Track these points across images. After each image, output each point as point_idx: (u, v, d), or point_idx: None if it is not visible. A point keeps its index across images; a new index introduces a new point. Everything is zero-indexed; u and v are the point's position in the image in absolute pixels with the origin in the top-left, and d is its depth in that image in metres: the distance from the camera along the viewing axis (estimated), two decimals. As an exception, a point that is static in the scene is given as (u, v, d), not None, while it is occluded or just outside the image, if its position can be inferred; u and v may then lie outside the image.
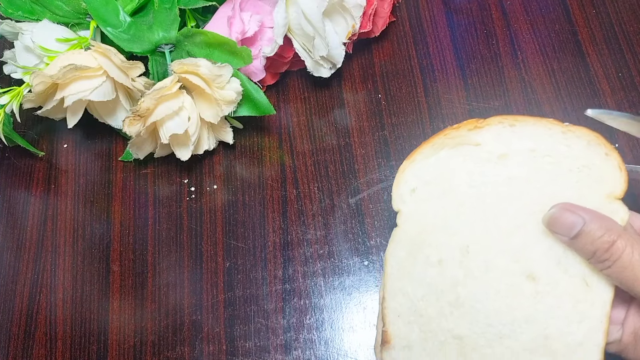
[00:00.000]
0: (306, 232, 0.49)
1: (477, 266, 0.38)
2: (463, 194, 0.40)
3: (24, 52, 0.49)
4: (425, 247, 0.39)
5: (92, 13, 0.49)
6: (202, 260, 0.49)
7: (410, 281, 0.39)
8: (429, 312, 0.38)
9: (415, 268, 0.39)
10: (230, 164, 0.53)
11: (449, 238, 0.39)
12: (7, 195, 0.54)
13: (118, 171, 0.54)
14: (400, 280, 0.40)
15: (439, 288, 0.39)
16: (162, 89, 0.46)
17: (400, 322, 0.39)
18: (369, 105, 0.54)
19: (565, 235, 0.36)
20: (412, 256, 0.40)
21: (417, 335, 0.39)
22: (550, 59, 0.54)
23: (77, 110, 0.50)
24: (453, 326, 0.38)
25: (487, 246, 0.38)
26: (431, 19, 0.57)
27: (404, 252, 0.40)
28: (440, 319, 0.38)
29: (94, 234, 0.51)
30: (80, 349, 0.47)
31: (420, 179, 0.41)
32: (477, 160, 0.40)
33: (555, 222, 0.37)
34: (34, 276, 0.50)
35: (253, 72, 0.51)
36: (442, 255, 0.39)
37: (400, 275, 0.40)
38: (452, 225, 0.39)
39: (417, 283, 0.39)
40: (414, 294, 0.39)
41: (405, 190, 0.41)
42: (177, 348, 0.46)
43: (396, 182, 0.42)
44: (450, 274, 0.39)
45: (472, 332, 0.37)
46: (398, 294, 0.40)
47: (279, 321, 0.47)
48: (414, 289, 0.39)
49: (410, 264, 0.40)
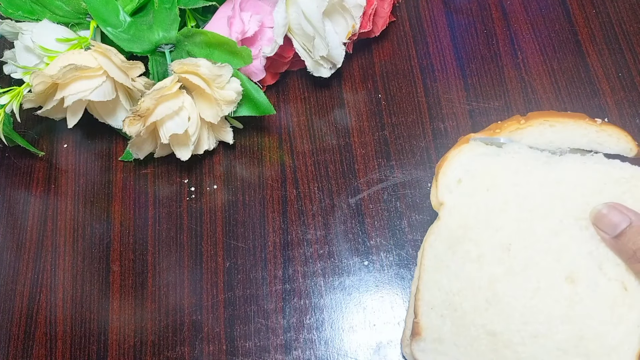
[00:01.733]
0: (306, 232, 0.49)
1: (518, 264, 0.38)
2: (508, 191, 0.40)
3: (24, 52, 0.49)
4: (465, 242, 0.40)
5: (92, 13, 0.49)
6: (202, 260, 0.49)
7: (447, 275, 0.40)
8: (464, 307, 0.38)
9: (453, 262, 0.40)
10: (230, 164, 0.53)
11: (491, 234, 0.39)
12: (7, 195, 0.54)
13: (118, 171, 0.54)
14: (436, 273, 0.40)
15: (476, 284, 0.39)
16: (162, 89, 0.46)
17: (433, 314, 0.39)
18: (369, 105, 0.54)
19: (609, 233, 0.37)
20: (452, 250, 0.40)
21: (449, 329, 0.39)
22: (550, 59, 0.54)
23: (77, 110, 0.50)
24: (487, 322, 0.38)
25: (529, 245, 0.39)
26: (431, 19, 0.57)
27: (443, 245, 0.40)
28: (474, 314, 0.38)
29: (94, 234, 0.51)
30: (80, 349, 0.47)
31: (467, 171, 0.41)
32: (525, 160, 0.40)
33: (601, 219, 0.37)
34: (34, 276, 0.50)
35: (253, 72, 0.51)
36: (483, 251, 0.39)
37: (437, 268, 0.40)
38: (495, 222, 0.39)
39: (454, 277, 0.39)
40: (449, 287, 0.39)
41: (452, 179, 0.41)
42: (177, 348, 0.46)
43: (442, 171, 0.42)
44: (489, 270, 0.39)
45: (506, 329, 0.37)
46: (433, 287, 0.40)
47: (279, 321, 0.47)
48: (450, 283, 0.39)
49: (449, 258, 0.40)
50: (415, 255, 0.48)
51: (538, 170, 0.40)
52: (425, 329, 0.39)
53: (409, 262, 0.48)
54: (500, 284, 0.38)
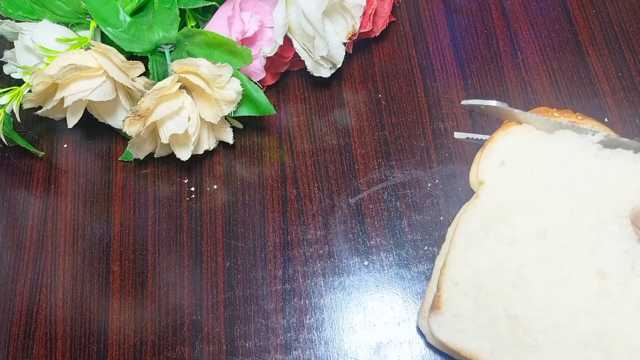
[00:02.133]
0: (306, 232, 0.49)
1: (551, 253, 0.38)
2: (553, 179, 0.40)
3: (24, 52, 0.49)
4: (501, 224, 0.39)
5: (92, 13, 0.49)
6: (202, 260, 0.49)
7: (476, 253, 0.39)
8: (489, 287, 0.38)
9: (485, 241, 0.39)
10: (230, 164, 0.53)
11: (528, 219, 0.39)
12: (7, 195, 0.54)
13: (118, 171, 0.54)
14: (466, 251, 0.40)
15: (505, 266, 0.38)
16: (162, 89, 0.46)
17: (457, 290, 0.39)
18: (369, 105, 0.54)
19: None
20: (485, 229, 0.40)
21: (471, 307, 0.38)
22: (550, 59, 0.54)
23: (77, 110, 0.50)
24: (510, 305, 0.38)
25: (565, 235, 0.38)
26: (431, 19, 0.57)
27: (477, 224, 0.40)
28: (498, 295, 0.38)
29: (94, 234, 0.51)
30: (80, 349, 0.47)
31: (513, 153, 0.41)
32: (575, 149, 0.40)
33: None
34: (34, 276, 0.50)
35: (253, 72, 0.51)
36: (517, 234, 0.39)
37: (468, 246, 0.40)
38: (534, 208, 0.39)
39: (484, 256, 0.39)
40: (477, 266, 0.39)
41: (496, 160, 0.41)
42: (177, 348, 0.46)
43: (486, 150, 0.42)
44: (520, 254, 0.38)
45: (528, 315, 0.37)
46: (460, 264, 0.40)
47: (279, 321, 0.47)
48: (479, 262, 0.39)
49: (481, 237, 0.39)
50: (416, 255, 0.48)
51: (587, 162, 0.40)
52: (446, 304, 0.39)
53: (409, 262, 0.48)
54: (529, 270, 0.38)
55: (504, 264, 0.39)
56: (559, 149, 0.40)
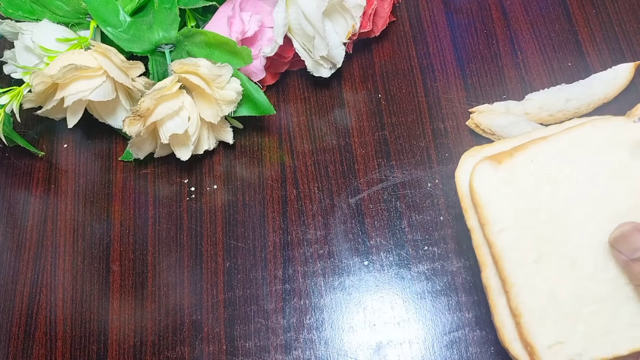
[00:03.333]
0: (306, 232, 0.49)
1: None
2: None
3: (24, 52, 0.49)
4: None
5: (92, 13, 0.49)
6: (202, 260, 0.49)
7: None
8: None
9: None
10: (230, 164, 0.53)
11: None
12: (7, 195, 0.54)
13: (118, 171, 0.54)
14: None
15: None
16: (162, 89, 0.46)
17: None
18: (369, 105, 0.54)
19: (627, 255, 0.36)
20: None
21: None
22: (550, 59, 0.54)
23: (77, 110, 0.50)
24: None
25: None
26: (431, 19, 0.57)
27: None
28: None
29: (94, 234, 0.51)
30: (80, 349, 0.47)
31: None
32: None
33: (622, 240, 0.36)
34: (34, 276, 0.50)
35: (253, 72, 0.51)
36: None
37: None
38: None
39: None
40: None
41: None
42: (177, 348, 0.46)
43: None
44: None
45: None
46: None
47: (279, 321, 0.47)
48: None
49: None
50: (416, 255, 0.48)
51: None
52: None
53: (409, 262, 0.48)
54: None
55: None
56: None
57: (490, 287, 0.39)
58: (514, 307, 0.37)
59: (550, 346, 0.36)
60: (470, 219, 0.40)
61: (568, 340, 0.36)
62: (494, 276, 0.39)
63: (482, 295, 0.46)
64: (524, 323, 0.37)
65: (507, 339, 0.38)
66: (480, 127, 0.50)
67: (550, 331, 0.37)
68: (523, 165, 0.39)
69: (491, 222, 0.38)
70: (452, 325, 0.46)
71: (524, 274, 0.37)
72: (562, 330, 0.37)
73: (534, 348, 0.36)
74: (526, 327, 0.37)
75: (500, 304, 0.38)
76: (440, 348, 0.45)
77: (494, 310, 0.39)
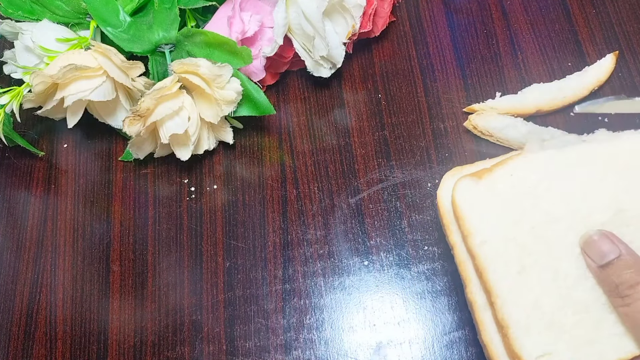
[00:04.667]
0: (306, 232, 0.49)
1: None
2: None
3: (24, 52, 0.49)
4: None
5: (92, 13, 0.49)
6: (202, 260, 0.49)
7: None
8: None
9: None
10: (230, 164, 0.53)
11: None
12: (7, 195, 0.54)
13: (118, 171, 0.54)
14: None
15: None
16: (162, 89, 0.46)
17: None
18: (369, 105, 0.54)
19: (596, 262, 0.36)
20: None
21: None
22: (550, 59, 0.54)
23: (77, 110, 0.50)
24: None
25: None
26: (431, 19, 0.57)
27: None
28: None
29: (94, 234, 0.51)
30: (80, 349, 0.47)
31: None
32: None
33: (591, 245, 0.36)
34: (34, 276, 0.50)
35: (253, 72, 0.51)
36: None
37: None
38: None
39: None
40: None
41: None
42: (177, 348, 0.46)
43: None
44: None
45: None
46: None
47: (279, 321, 0.47)
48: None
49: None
50: (416, 255, 0.48)
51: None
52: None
53: (409, 262, 0.48)
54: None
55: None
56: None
57: (475, 302, 0.39)
58: (500, 319, 0.37)
59: (538, 357, 0.36)
60: (452, 235, 0.41)
61: (555, 350, 0.36)
62: (478, 291, 0.39)
63: (482, 295, 0.46)
64: (511, 334, 0.37)
65: (495, 354, 0.38)
66: (478, 128, 0.50)
67: (536, 342, 0.36)
68: (503, 179, 0.40)
69: (473, 233, 0.38)
70: (452, 325, 0.46)
71: (508, 285, 0.38)
72: (548, 340, 0.37)
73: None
74: (513, 338, 0.37)
75: (486, 319, 0.39)
76: (440, 348, 0.45)
77: (481, 326, 0.39)
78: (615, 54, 0.53)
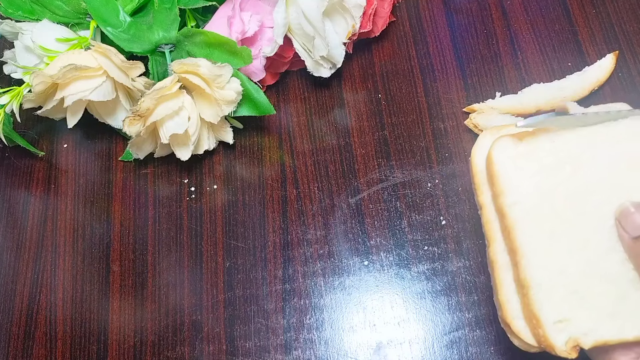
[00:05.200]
0: (306, 232, 0.49)
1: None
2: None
3: (24, 52, 0.49)
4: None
5: (92, 13, 0.49)
6: (202, 260, 0.49)
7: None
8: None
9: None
10: (230, 164, 0.53)
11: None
12: (7, 195, 0.54)
13: (118, 171, 0.54)
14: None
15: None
16: (162, 89, 0.46)
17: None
18: (369, 105, 0.54)
19: (630, 233, 0.36)
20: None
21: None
22: (550, 59, 0.54)
23: (77, 110, 0.50)
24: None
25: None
26: (431, 19, 0.57)
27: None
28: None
29: (94, 234, 0.51)
30: (80, 349, 0.47)
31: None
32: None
33: (626, 217, 0.36)
34: (34, 276, 0.50)
35: (253, 72, 0.51)
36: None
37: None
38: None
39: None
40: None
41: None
42: (177, 348, 0.46)
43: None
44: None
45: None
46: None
47: (279, 321, 0.47)
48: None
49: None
50: (416, 255, 0.48)
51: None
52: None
53: (409, 262, 0.48)
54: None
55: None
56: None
57: (496, 262, 0.39)
58: (522, 279, 0.37)
59: (556, 322, 0.36)
60: (482, 196, 0.40)
61: (574, 318, 0.36)
62: (502, 251, 0.39)
63: (482, 295, 0.46)
64: (532, 295, 0.36)
65: (510, 315, 0.37)
66: (479, 127, 0.50)
67: (557, 306, 0.36)
68: (544, 144, 0.39)
69: (506, 192, 0.38)
70: (452, 325, 0.46)
71: (536, 246, 0.37)
72: (569, 307, 0.36)
73: (540, 321, 0.36)
74: (533, 299, 0.36)
75: (506, 279, 0.38)
76: (440, 348, 0.45)
77: (499, 286, 0.38)
78: (615, 54, 0.53)
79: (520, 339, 0.37)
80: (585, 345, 0.36)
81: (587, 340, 0.36)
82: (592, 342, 0.36)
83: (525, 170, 0.38)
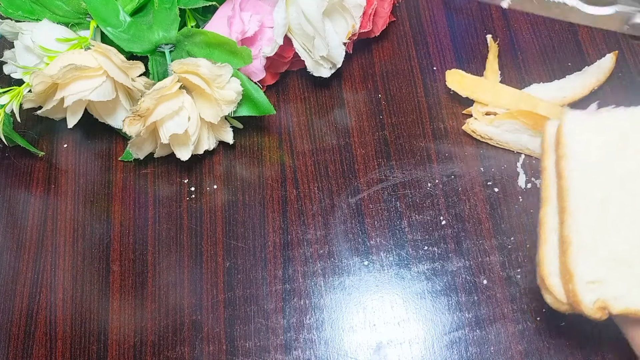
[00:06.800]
0: (306, 232, 0.49)
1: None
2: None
3: (24, 52, 0.49)
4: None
5: (92, 13, 0.49)
6: (202, 260, 0.49)
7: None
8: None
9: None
10: (230, 164, 0.53)
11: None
12: (7, 195, 0.54)
13: (118, 171, 0.54)
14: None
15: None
16: (162, 89, 0.46)
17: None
18: (369, 105, 0.54)
19: None
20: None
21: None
22: (550, 59, 0.54)
23: (77, 110, 0.50)
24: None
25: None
26: (431, 19, 0.57)
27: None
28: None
29: (94, 234, 0.51)
30: (80, 349, 0.47)
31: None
32: None
33: None
34: (34, 276, 0.50)
35: (253, 72, 0.51)
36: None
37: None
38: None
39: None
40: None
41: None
42: (177, 348, 0.46)
43: None
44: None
45: None
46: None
47: (279, 321, 0.47)
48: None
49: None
50: (416, 255, 0.48)
51: None
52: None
53: (409, 262, 0.48)
54: None
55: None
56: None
57: (546, 223, 0.39)
58: (565, 235, 0.38)
59: (589, 282, 0.37)
60: (547, 160, 0.41)
61: (607, 280, 0.37)
62: (553, 214, 0.40)
63: (482, 295, 0.46)
64: (571, 252, 0.37)
65: (546, 271, 0.38)
66: (477, 133, 0.51)
67: (593, 267, 0.37)
68: (613, 122, 0.40)
69: (569, 157, 0.39)
70: (452, 325, 0.46)
71: (585, 208, 0.38)
72: (605, 270, 0.37)
73: (573, 277, 0.37)
74: (571, 256, 0.37)
75: (551, 239, 0.39)
76: (440, 348, 0.45)
77: (543, 244, 0.39)
78: (615, 54, 0.53)
79: (553, 295, 0.38)
80: (614, 309, 0.36)
81: (616, 305, 0.36)
82: (621, 308, 0.36)
83: (592, 143, 0.39)
